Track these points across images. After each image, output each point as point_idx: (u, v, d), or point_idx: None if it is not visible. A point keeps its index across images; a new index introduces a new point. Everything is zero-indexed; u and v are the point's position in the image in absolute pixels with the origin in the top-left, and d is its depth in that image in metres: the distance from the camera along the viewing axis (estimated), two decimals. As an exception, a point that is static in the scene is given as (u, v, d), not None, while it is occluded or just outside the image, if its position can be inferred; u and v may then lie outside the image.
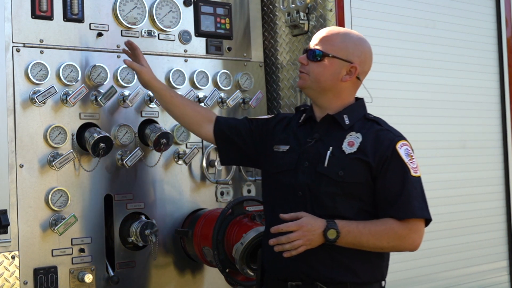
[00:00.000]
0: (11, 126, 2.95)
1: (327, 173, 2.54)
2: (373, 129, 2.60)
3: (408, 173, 2.52)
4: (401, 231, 2.49)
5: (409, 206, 2.49)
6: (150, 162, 3.31)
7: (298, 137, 2.70)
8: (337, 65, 2.62)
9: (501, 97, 4.25)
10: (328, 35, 2.65)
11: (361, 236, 2.47)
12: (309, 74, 2.63)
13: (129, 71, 3.26)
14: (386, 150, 2.53)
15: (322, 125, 2.67)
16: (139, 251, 3.26)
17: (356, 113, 2.67)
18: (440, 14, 3.95)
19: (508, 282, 4.24)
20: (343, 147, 2.57)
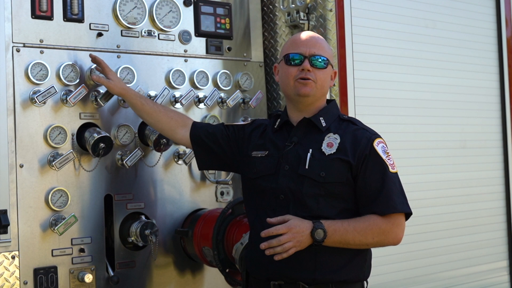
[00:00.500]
0: (11, 126, 2.95)
1: (309, 175, 2.58)
2: (350, 129, 2.66)
3: (387, 170, 2.58)
4: (384, 226, 2.55)
5: (390, 201, 2.55)
6: (150, 162, 3.31)
7: (275, 142, 2.72)
8: (330, 71, 2.72)
9: (501, 97, 4.25)
10: (319, 40, 2.70)
11: (347, 234, 2.51)
12: (316, 81, 2.64)
13: (129, 71, 3.26)
14: (365, 149, 2.59)
15: (299, 128, 2.70)
16: (139, 251, 3.26)
17: (331, 115, 2.71)
18: (440, 14, 3.95)
19: (508, 282, 4.24)
20: (322, 149, 2.61)
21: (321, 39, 2.72)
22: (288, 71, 2.67)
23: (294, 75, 2.65)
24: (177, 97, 3.38)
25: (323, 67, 2.65)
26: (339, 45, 3.47)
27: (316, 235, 2.48)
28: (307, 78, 2.63)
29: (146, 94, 3.29)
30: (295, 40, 2.71)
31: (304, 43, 2.66)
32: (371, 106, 3.59)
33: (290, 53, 2.67)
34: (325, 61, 2.65)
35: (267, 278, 2.63)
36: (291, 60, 2.66)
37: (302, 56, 2.64)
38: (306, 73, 2.63)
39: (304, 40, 2.68)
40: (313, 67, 2.63)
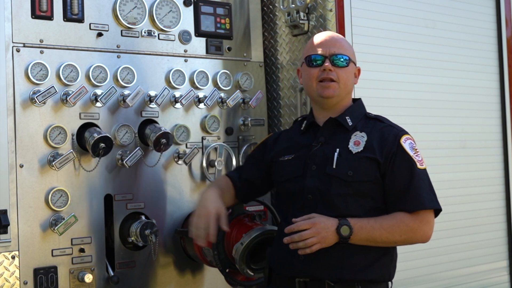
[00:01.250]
0: (11, 126, 2.95)
1: (336, 174, 2.57)
2: (377, 126, 2.65)
3: (415, 166, 2.57)
4: (412, 223, 2.53)
5: (418, 198, 2.53)
6: (150, 162, 3.31)
7: (302, 144, 2.72)
8: (353, 69, 2.71)
9: (501, 97, 4.24)
10: (338, 39, 2.70)
11: (374, 231, 2.50)
12: (339, 81, 2.64)
13: (129, 71, 3.26)
14: (392, 146, 2.58)
15: (326, 128, 2.70)
16: (139, 251, 3.26)
17: (357, 113, 2.71)
18: (440, 14, 3.95)
19: (508, 282, 4.23)
20: (349, 147, 2.60)
21: (340, 38, 2.72)
22: (310, 73, 2.67)
23: (316, 76, 2.65)
24: (177, 97, 3.38)
25: (345, 66, 2.65)
26: (339, 45, 3.47)
27: (341, 232, 2.48)
28: (329, 78, 2.63)
29: (146, 94, 3.29)
30: (315, 41, 2.71)
31: (324, 44, 2.67)
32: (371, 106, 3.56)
33: (311, 54, 2.68)
34: (346, 59, 2.65)
35: (292, 275, 2.62)
36: (312, 61, 2.67)
37: (323, 56, 2.64)
38: (328, 73, 2.63)
39: (323, 40, 2.68)
40: (334, 67, 2.63)
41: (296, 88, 3.64)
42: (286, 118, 3.73)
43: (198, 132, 3.49)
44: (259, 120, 3.72)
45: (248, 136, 3.68)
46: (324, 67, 2.63)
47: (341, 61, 2.64)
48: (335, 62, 2.64)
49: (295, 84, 3.67)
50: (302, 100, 3.58)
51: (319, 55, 2.66)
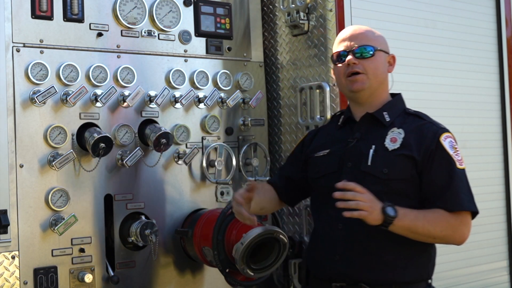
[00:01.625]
0: (11, 126, 2.95)
1: (371, 172, 2.52)
2: (415, 123, 2.59)
3: (454, 166, 2.50)
4: (453, 221, 2.47)
5: (457, 198, 2.48)
6: (150, 162, 3.31)
7: (338, 139, 2.68)
8: (383, 58, 2.65)
9: (501, 97, 4.24)
10: (361, 32, 2.65)
11: (417, 220, 2.42)
12: (367, 72, 2.58)
13: (129, 71, 3.26)
14: (431, 143, 2.51)
15: (362, 124, 2.64)
16: (139, 251, 3.26)
17: (396, 109, 2.65)
18: (440, 14, 3.95)
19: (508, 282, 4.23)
20: (385, 144, 2.54)
21: (364, 29, 2.66)
22: (338, 70, 2.64)
23: (343, 72, 2.61)
24: (177, 97, 3.38)
25: (370, 56, 2.59)
26: (339, 45, 3.47)
27: (387, 211, 2.37)
28: (355, 71, 2.58)
29: (146, 94, 3.29)
30: (339, 38, 2.68)
31: (347, 38, 2.64)
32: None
33: (336, 52, 2.66)
34: (371, 49, 2.59)
35: (329, 278, 2.58)
36: (337, 58, 2.64)
37: (346, 51, 2.61)
38: (353, 66, 2.58)
39: (345, 35, 2.65)
40: (359, 59, 2.58)
41: (296, 88, 3.64)
42: (286, 118, 3.73)
43: (198, 132, 3.49)
44: (259, 120, 3.72)
45: (248, 136, 3.68)
46: (348, 61, 2.58)
47: (367, 52, 2.59)
48: (359, 54, 2.58)
49: (295, 84, 3.67)
50: (302, 100, 3.58)
51: (343, 51, 2.62)
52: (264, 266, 3.09)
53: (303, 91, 3.57)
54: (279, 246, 3.09)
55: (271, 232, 3.03)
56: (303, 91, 3.57)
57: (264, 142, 3.73)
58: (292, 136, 3.69)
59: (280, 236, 3.06)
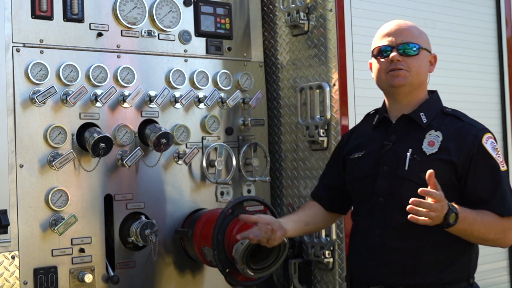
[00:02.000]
0: (11, 126, 2.95)
1: (408, 177, 2.44)
2: (454, 125, 2.50)
3: (499, 169, 2.43)
4: (507, 224, 2.40)
5: (505, 203, 2.41)
6: (150, 162, 3.31)
7: (373, 140, 2.61)
8: (426, 57, 2.57)
9: (501, 97, 4.24)
10: (407, 27, 2.56)
11: (474, 224, 2.34)
12: (410, 70, 2.50)
13: (129, 71, 3.26)
14: (471, 147, 2.42)
15: (398, 126, 2.56)
16: (139, 251, 3.26)
17: (433, 108, 2.56)
18: (440, 14, 3.95)
19: (508, 282, 4.23)
20: (423, 148, 2.46)
21: (409, 25, 2.57)
22: (379, 65, 2.55)
23: (385, 68, 2.52)
24: (177, 97, 3.38)
25: (415, 54, 2.50)
26: (339, 45, 3.47)
27: (449, 219, 2.26)
28: (398, 68, 2.49)
29: (146, 94, 3.29)
30: (382, 31, 2.59)
31: (391, 33, 2.54)
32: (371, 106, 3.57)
33: (378, 46, 2.56)
34: (416, 47, 2.51)
35: (367, 283, 2.54)
36: (380, 53, 2.55)
37: (390, 47, 2.52)
38: (396, 63, 2.49)
39: (391, 30, 2.56)
40: (403, 56, 2.50)
41: (296, 88, 3.64)
42: (286, 118, 3.73)
43: (198, 132, 3.49)
44: (259, 120, 3.72)
45: (248, 136, 3.67)
46: (392, 58, 2.49)
47: (412, 50, 2.50)
48: (404, 51, 2.50)
49: (295, 84, 3.67)
50: (302, 100, 3.58)
51: (386, 45, 2.53)
52: (264, 266, 3.09)
53: (303, 91, 3.57)
54: (279, 246, 3.09)
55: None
56: (303, 91, 3.57)
57: (264, 142, 3.73)
58: (292, 136, 3.69)
59: (280, 236, 3.06)
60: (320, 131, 3.45)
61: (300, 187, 3.64)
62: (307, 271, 3.52)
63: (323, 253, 3.44)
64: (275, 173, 3.78)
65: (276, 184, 3.78)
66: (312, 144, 3.53)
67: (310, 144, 3.55)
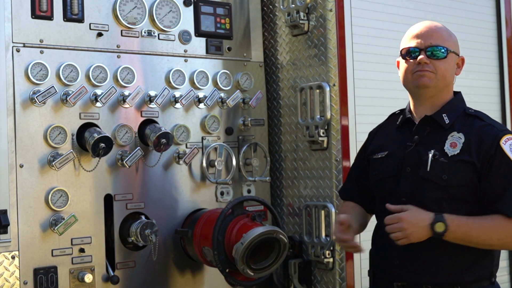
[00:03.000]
0: (11, 126, 2.95)
1: (430, 178, 2.46)
2: (475, 125, 2.51)
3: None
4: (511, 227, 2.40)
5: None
6: (150, 162, 3.31)
7: (397, 140, 2.63)
8: (454, 59, 2.58)
9: (501, 97, 4.24)
10: (436, 29, 2.56)
11: (471, 231, 2.38)
12: (436, 72, 2.51)
13: (129, 71, 3.26)
14: (490, 148, 2.44)
15: (421, 126, 2.57)
16: (139, 251, 3.26)
17: (456, 109, 2.58)
18: (440, 14, 3.94)
19: (508, 282, 4.23)
20: (445, 149, 2.48)
21: (438, 27, 2.58)
22: (406, 66, 2.56)
23: (412, 69, 2.53)
24: (177, 97, 3.38)
25: (443, 57, 2.51)
26: (339, 45, 3.47)
27: (436, 228, 2.35)
28: (425, 70, 2.50)
29: (146, 94, 3.29)
30: (411, 32, 2.60)
31: (420, 35, 2.55)
32: (371, 106, 3.59)
33: (407, 47, 2.57)
34: (445, 50, 2.51)
35: (390, 280, 2.57)
36: (408, 54, 2.56)
37: (419, 48, 2.52)
38: (423, 65, 2.50)
39: (420, 31, 2.56)
40: (431, 59, 2.51)
41: (296, 88, 3.64)
42: (286, 118, 3.73)
43: (198, 132, 3.49)
44: (259, 120, 3.72)
45: (248, 136, 3.67)
46: (419, 60, 2.50)
47: (440, 52, 2.51)
48: (434, 54, 2.51)
49: (295, 84, 3.67)
50: (302, 100, 3.58)
51: (415, 47, 2.54)
52: (264, 266, 3.09)
53: (303, 91, 3.57)
54: (279, 246, 3.09)
55: (271, 232, 3.03)
56: (303, 91, 3.57)
57: (264, 142, 3.73)
58: (292, 136, 3.69)
59: (280, 236, 3.06)
60: (320, 131, 3.45)
61: (300, 187, 3.64)
62: (307, 271, 3.52)
63: (323, 253, 3.44)
64: (275, 173, 3.78)
65: (276, 184, 3.78)
66: (312, 144, 3.53)
67: (310, 144, 3.55)
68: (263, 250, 3.09)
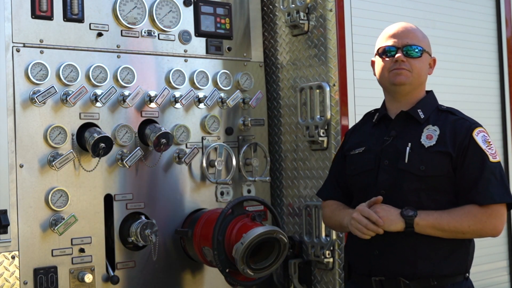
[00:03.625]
0: (11, 126, 2.95)
1: (408, 169, 2.56)
2: (449, 119, 2.63)
3: (487, 160, 2.55)
4: (480, 215, 2.51)
5: (487, 192, 2.51)
6: (150, 162, 3.31)
7: (373, 136, 2.72)
8: (427, 59, 2.69)
9: (501, 97, 4.24)
10: (412, 30, 2.69)
11: (441, 218, 2.49)
12: (412, 70, 2.63)
13: (129, 71, 3.26)
14: (464, 139, 2.56)
15: (398, 122, 2.69)
16: (139, 251, 3.26)
17: (429, 106, 2.69)
18: (440, 14, 3.95)
19: (508, 282, 4.23)
20: (421, 141, 2.59)
21: (414, 28, 2.70)
22: (383, 64, 2.67)
23: (388, 67, 2.65)
24: (177, 97, 3.38)
25: (418, 56, 2.64)
26: (339, 45, 3.47)
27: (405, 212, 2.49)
28: (402, 68, 2.62)
29: (146, 94, 3.29)
30: (388, 32, 2.71)
31: (397, 35, 2.66)
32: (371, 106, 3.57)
33: (383, 45, 2.68)
34: (420, 50, 2.64)
35: (369, 272, 2.63)
36: (385, 52, 2.67)
37: (395, 47, 2.64)
38: (400, 63, 2.62)
39: (396, 31, 2.68)
40: (407, 57, 2.62)
41: (296, 88, 3.64)
42: (286, 118, 3.73)
43: (198, 132, 3.49)
44: (259, 120, 3.72)
45: (248, 136, 3.68)
46: (396, 58, 2.62)
47: (415, 51, 2.63)
48: (409, 53, 2.63)
49: (295, 84, 3.67)
50: (302, 100, 3.58)
51: (391, 46, 2.65)
52: (264, 266, 3.09)
53: (303, 91, 3.57)
54: (279, 246, 3.09)
55: (271, 232, 3.03)
56: (303, 91, 3.57)
57: (264, 142, 3.73)
58: (292, 136, 3.69)
59: (280, 236, 3.06)
60: (320, 131, 3.45)
61: (300, 187, 3.64)
62: (307, 271, 3.52)
63: (323, 253, 3.44)
64: (275, 173, 3.78)
65: (276, 184, 3.78)
66: (312, 144, 3.53)
67: (310, 144, 3.55)
68: (263, 250, 3.09)
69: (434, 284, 2.55)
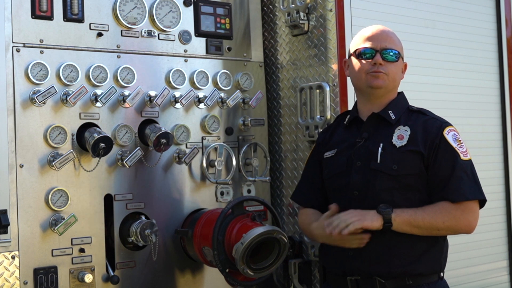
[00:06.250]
0: (11, 126, 2.95)
1: (381, 169, 2.60)
2: (420, 119, 2.67)
3: (458, 157, 2.59)
4: (454, 211, 2.55)
5: (459, 189, 2.55)
6: (150, 162, 3.31)
7: (345, 139, 2.75)
8: (401, 64, 2.75)
9: (501, 97, 4.24)
10: (389, 34, 2.73)
11: (416, 214, 2.52)
12: (388, 74, 2.67)
13: (129, 71, 3.26)
14: (435, 138, 2.60)
15: (369, 123, 2.72)
16: (139, 251, 3.26)
17: (400, 107, 2.73)
18: (440, 14, 3.95)
19: (508, 282, 4.23)
20: (393, 142, 2.63)
21: (391, 32, 2.74)
22: (360, 66, 2.69)
23: (366, 69, 2.67)
24: (177, 97, 3.38)
25: (395, 61, 2.68)
26: (339, 45, 3.47)
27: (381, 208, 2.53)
28: (379, 71, 2.65)
29: (146, 94, 3.29)
30: (365, 34, 2.73)
31: (375, 37, 2.69)
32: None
33: (361, 47, 2.70)
34: (397, 54, 2.68)
35: (344, 273, 2.66)
36: (362, 54, 2.69)
37: (374, 50, 2.67)
38: (378, 67, 2.65)
39: (375, 34, 2.71)
40: (384, 61, 2.66)
41: (296, 88, 3.64)
42: (286, 118, 3.73)
43: (198, 132, 3.49)
44: (259, 120, 3.72)
45: (248, 136, 3.68)
46: (375, 61, 2.65)
47: (391, 55, 2.67)
48: (386, 57, 2.66)
49: (295, 84, 3.67)
50: (302, 100, 3.58)
51: (370, 48, 2.68)
52: (264, 266, 3.09)
53: (303, 91, 3.57)
54: (279, 246, 3.09)
55: (271, 232, 3.03)
56: (303, 91, 3.57)
57: (264, 142, 3.73)
58: (292, 136, 3.69)
59: (280, 236, 3.06)
60: (320, 131, 3.45)
61: (300, 187, 3.64)
62: (307, 271, 3.52)
63: (323, 253, 3.44)
64: (275, 173, 3.78)
65: (276, 184, 3.78)
66: (312, 144, 3.53)
67: (310, 144, 3.54)
68: (263, 250, 3.09)
69: (410, 283, 2.58)
